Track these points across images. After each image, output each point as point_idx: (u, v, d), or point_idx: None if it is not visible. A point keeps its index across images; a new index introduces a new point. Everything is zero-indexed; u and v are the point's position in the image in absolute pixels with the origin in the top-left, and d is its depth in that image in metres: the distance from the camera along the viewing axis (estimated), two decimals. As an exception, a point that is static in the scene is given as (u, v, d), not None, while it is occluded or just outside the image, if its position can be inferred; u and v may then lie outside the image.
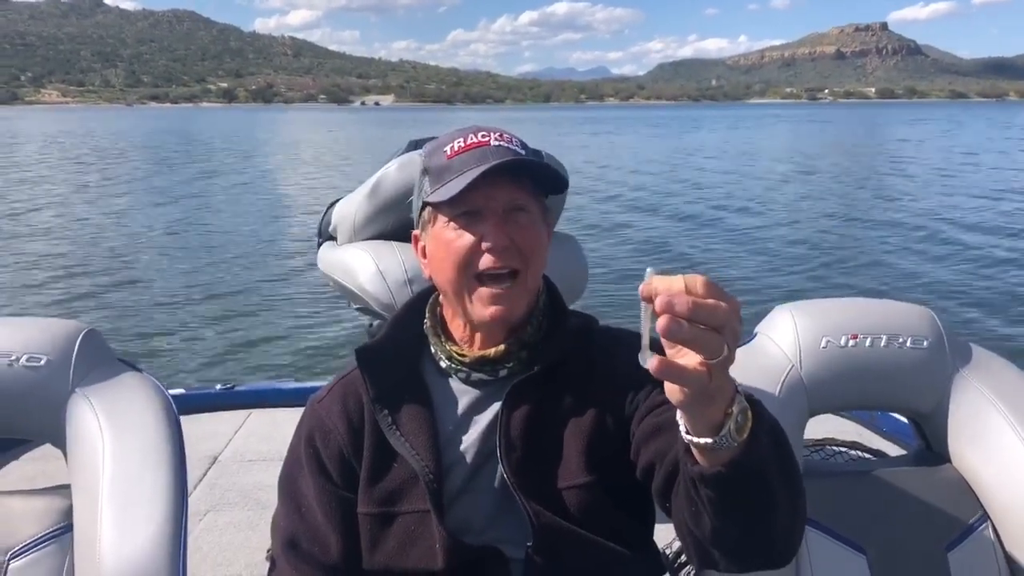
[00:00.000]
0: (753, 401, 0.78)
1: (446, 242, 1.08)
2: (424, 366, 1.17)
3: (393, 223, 1.80)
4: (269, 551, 1.21)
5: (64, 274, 10.63)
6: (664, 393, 0.75)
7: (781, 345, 1.45)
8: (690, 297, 0.67)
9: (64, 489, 1.28)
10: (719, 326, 0.67)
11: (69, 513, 1.24)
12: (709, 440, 0.76)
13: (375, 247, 1.79)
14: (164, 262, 11.48)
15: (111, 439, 1.25)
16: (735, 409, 0.75)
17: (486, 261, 1.05)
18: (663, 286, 0.68)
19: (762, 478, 0.79)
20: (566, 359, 1.13)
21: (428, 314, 1.19)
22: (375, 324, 1.84)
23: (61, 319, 1.42)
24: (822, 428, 1.98)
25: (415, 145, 1.84)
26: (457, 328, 1.15)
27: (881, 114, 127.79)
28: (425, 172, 1.12)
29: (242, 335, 7.82)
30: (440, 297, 1.18)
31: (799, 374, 1.41)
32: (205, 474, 3.16)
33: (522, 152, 1.10)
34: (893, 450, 2.40)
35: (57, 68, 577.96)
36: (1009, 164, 27.15)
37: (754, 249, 12.39)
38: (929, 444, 1.51)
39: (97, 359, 1.36)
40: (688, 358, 0.69)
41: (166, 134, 58.73)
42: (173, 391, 3.52)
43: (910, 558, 1.34)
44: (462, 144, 1.08)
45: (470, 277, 1.07)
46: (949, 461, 1.43)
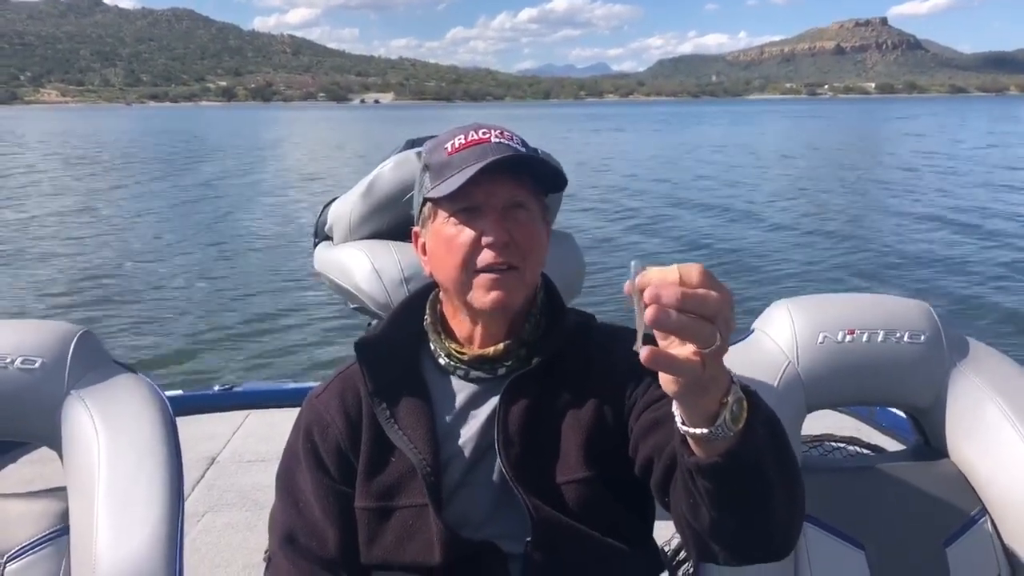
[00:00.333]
0: (749, 391, 0.78)
1: (446, 238, 1.08)
2: (423, 362, 1.17)
3: (389, 222, 1.80)
4: (267, 552, 1.20)
5: (60, 275, 10.60)
6: (662, 388, 0.75)
7: (778, 341, 1.44)
8: (679, 287, 0.66)
9: (60, 491, 1.28)
10: (710, 315, 0.67)
11: (65, 515, 1.24)
12: (705, 430, 0.76)
13: (371, 246, 1.79)
14: (160, 264, 11.45)
15: (107, 441, 1.24)
16: (730, 399, 0.75)
17: (485, 257, 1.06)
18: (657, 277, 0.67)
19: (759, 468, 0.79)
20: (564, 355, 1.13)
21: (428, 311, 1.19)
22: (372, 324, 1.84)
23: (56, 321, 1.42)
24: (820, 424, 1.98)
25: (412, 144, 1.84)
26: (457, 325, 1.15)
27: (880, 109, 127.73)
28: (426, 168, 1.13)
29: (239, 336, 7.81)
30: (440, 294, 1.18)
31: (796, 370, 1.41)
32: (203, 475, 3.16)
33: (522, 149, 1.10)
34: (891, 445, 2.40)
35: (56, 68, 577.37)
36: (1007, 158, 27.09)
37: (751, 244, 12.38)
38: (927, 439, 1.51)
39: (92, 361, 1.35)
40: (681, 348, 0.69)
41: (164, 134, 58.62)
42: (171, 392, 3.51)
43: (909, 553, 1.34)
44: (463, 141, 1.09)
45: (470, 273, 1.07)
46: (947, 456, 1.43)
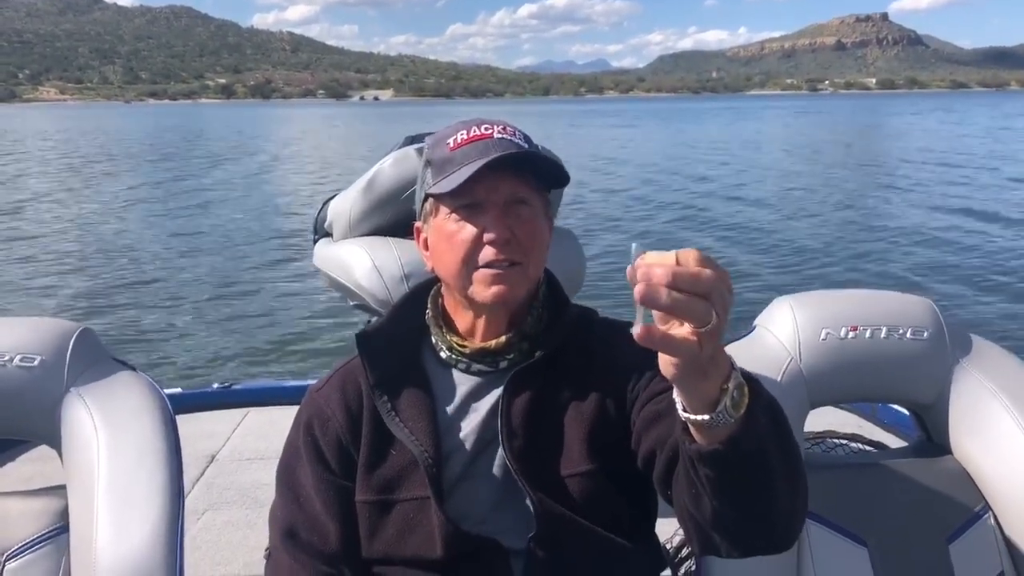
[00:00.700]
0: (750, 378, 0.78)
1: (448, 234, 1.08)
2: (424, 356, 1.17)
3: (389, 218, 1.80)
4: (267, 549, 1.20)
5: (58, 273, 10.58)
6: (664, 381, 0.74)
7: (780, 337, 1.44)
8: (671, 266, 0.66)
9: (60, 489, 1.27)
10: (704, 293, 0.66)
11: (65, 513, 1.24)
12: (706, 417, 0.75)
13: (371, 243, 1.79)
14: (159, 260, 11.42)
15: (106, 439, 1.24)
16: (731, 385, 0.74)
17: (487, 254, 1.05)
18: (655, 261, 0.67)
19: (761, 456, 0.79)
20: (566, 348, 1.13)
21: (430, 305, 1.19)
22: (373, 320, 1.84)
23: (55, 318, 1.41)
24: (823, 420, 1.98)
25: (411, 140, 1.83)
26: (459, 319, 1.15)
27: (881, 105, 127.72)
28: (428, 164, 1.12)
29: (239, 333, 7.80)
30: (442, 288, 1.18)
31: (799, 366, 1.40)
32: (203, 473, 3.15)
33: (525, 145, 1.09)
34: (894, 442, 2.40)
35: (55, 65, 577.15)
36: (1009, 153, 27.07)
37: (753, 241, 12.36)
38: (930, 435, 1.50)
39: (92, 359, 1.35)
40: (678, 328, 0.69)
41: (163, 131, 58.63)
42: (170, 390, 3.51)
43: (911, 549, 1.33)
44: (465, 136, 1.08)
45: (471, 269, 1.07)
46: (950, 452, 1.43)
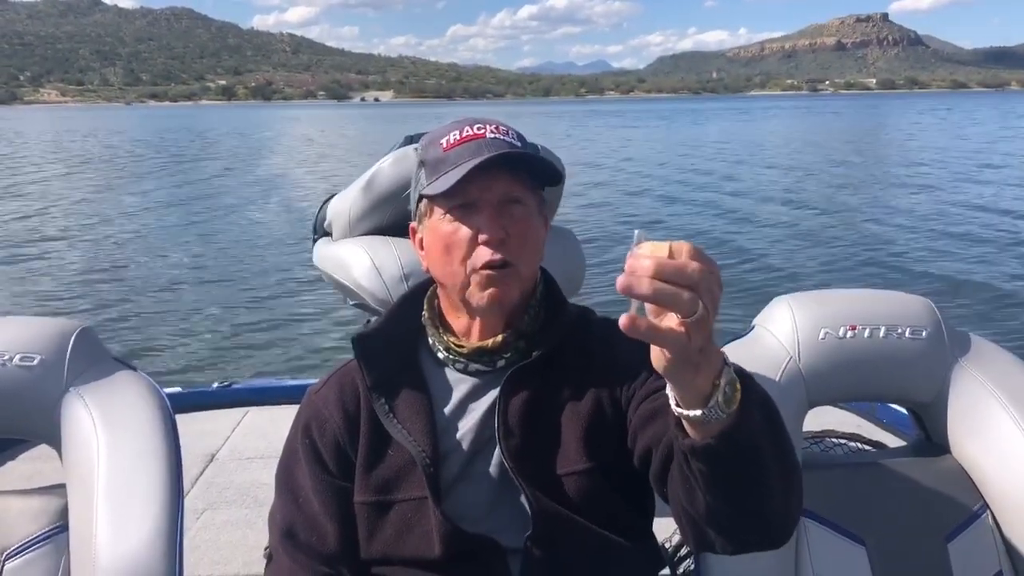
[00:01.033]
0: (743, 374, 0.79)
1: (442, 235, 1.08)
2: (421, 356, 1.17)
3: (388, 218, 1.80)
4: (267, 548, 1.20)
5: (58, 272, 10.56)
6: (660, 379, 0.75)
7: (779, 337, 1.44)
8: (658, 257, 0.67)
9: (60, 488, 1.27)
10: (690, 284, 0.67)
11: (65, 513, 1.24)
12: (698, 412, 0.76)
13: (370, 242, 1.79)
14: (159, 260, 11.42)
15: (106, 438, 1.24)
16: (723, 380, 0.75)
17: (481, 254, 1.05)
18: (649, 251, 0.68)
19: (754, 451, 0.79)
20: (564, 348, 1.13)
21: (426, 305, 1.19)
22: (372, 320, 1.84)
23: (55, 318, 1.42)
24: (822, 420, 1.98)
25: (411, 140, 1.83)
26: (455, 320, 1.15)
27: (881, 105, 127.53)
28: (421, 164, 1.12)
29: (239, 332, 7.79)
30: (438, 289, 1.18)
31: (797, 366, 1.40)
32: (202, 472, 3.15)
33: (518, 144, 1.09)
34: (893, 441, 2.40)
35: (56, 67, 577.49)
36: (1009, 152, 27.05)
37: (752, 240, 12.34)
38: (928, 435, 1.50)
39: (91, 358, 1.35)
40: (666, 320, 0.69)
41: (163, 133, 58.63)
42: (170, 389, 3.50)
43: (910, 549, 1.33)
44: (458, 136, 1.08)
45: (466, 270, 1.07)
46: (949, 451, 1.43)
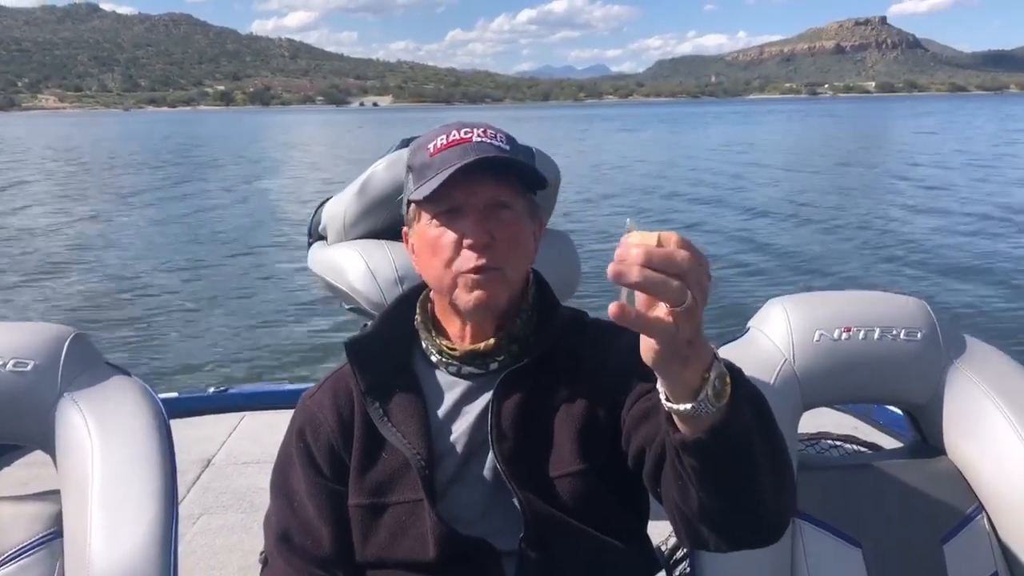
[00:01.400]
0: (733, 369, 0.79)
1: (430, 240, 1.08)
2: (414, 360, 1.18)
3: (383, 221, 1.80)
4: (262, 553, 1.20)
5: (53, 277, 10.51)
6: (653, 379, 0.75)
7: (774, 339, 1.44)
8: (647, 246, 0.68)
9: (54, 494, 1.27)
10: (679, 273, 0.68)
11: (59, 519, 1.24)
12: (688, 406, 0.76)
13: (365, 246, 1.79)
14: (154, 265, 11.36)
15: (100, 444, 1.24)
16: (712, 374, 0.75)
17: (466, 258, 1.05)
18: (637, 240, 0.69)
19: (745, 446, 0.79)
20: (557, 351, 1.13)
21: (419, 309, 1.19)
22: (368, 324, 1.84)
23: (49, 323, 1.41)
24: (819, 422, 1.98)
25: (406, 143, 1.83)
26: (448, 323, 1.15)
27: (880, 108, 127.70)
28: (409, 169, 1.12)
29: (234, 337, 7.77)
30: (431, 293, 1.18)
31: (792, 368, 1.41)
32: (198, 477, 3.14)
33: (506, 148, 1.09)
34: (889, 442, 2.40)
35: (54, 73, 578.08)
36: (1005, 154, 27.09)
37: (747, 242, 12.31)
38: (924, 436, 1.50)
39: (85, 363, 1.35)
40: (655, 309, 0.70)
41: (160, 138, 58.60)
42: (166, 394, 3.49)
43: (905, 550, 1.33)
44: (444, 141, 1.08)
45: (452, 274, 1.07)
46: (944, 453, 1.43)
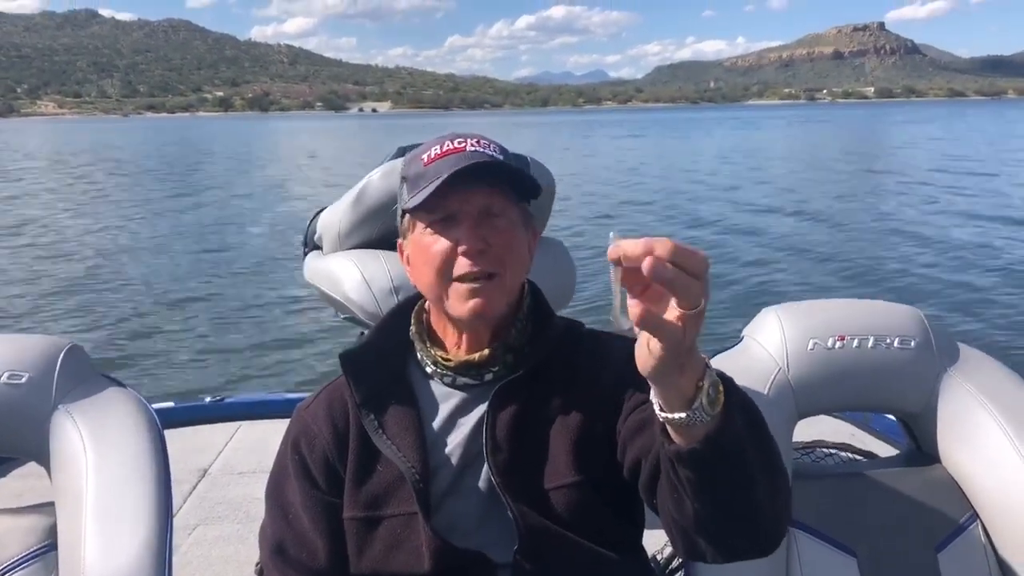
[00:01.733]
0: (725, 377, 0.80)
1: (424, 248, 1.09)
2: (409, 371, 1.17)
3: (378, 231, 1.80)
4: (258, 564, 1.20)
5: (47, 289, 10.42)
6: (648, 390, 0.75)
7: (768, 347, 1.44)
8: (674, 242, 0.68)
9: (49, 506, 1.27)
10: (698, 272, 0.68)
11: (53, 531, 1.24)
12: (683, 415, 0.77)
13: (360, 256, 1.79)
14: (149, 276, 11.28)
15: (94, 456, 1.24)
16: (706, 383, 0.76)
17: (461, 265, 1.06)
18: (630, 245, 0.69)
19: (739, 454, 0.80)
20: (552, 361, 1.13)
21: (414, 320, 1.19)
22: (364, 334, 1.84)
23: (43, 335, 1.41)
24: (816, 430, 1.98)
25: (402, 152, 1.84)
26: (444, 333, 1.15)
27: (878, 114, 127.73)
28: (404, 180, 1.13)
29: (230, 348, 7.73)
30: (426, 303, 1.18)
31: (786, 376, 1.41)
32: (195, 487, 3.12)
33: (499, 157, 1.09)
34: (885, 450, 2.39)
35: (53, 79, 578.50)
36: (1003, 161, 27.09)
37: (740, 251, 12.25)
38: (919, 444, 1.50)
39: (80, 375, 1.35)
40: (669, 311, 0.70)
41: (158, 145, 58.54)
42: (162, 404, 3.49)
43: (900, 559, 1.33)
44: (438, 151, 1.09)
45: (447, 282, 1.07)
46: (939, 461, 1.43)
